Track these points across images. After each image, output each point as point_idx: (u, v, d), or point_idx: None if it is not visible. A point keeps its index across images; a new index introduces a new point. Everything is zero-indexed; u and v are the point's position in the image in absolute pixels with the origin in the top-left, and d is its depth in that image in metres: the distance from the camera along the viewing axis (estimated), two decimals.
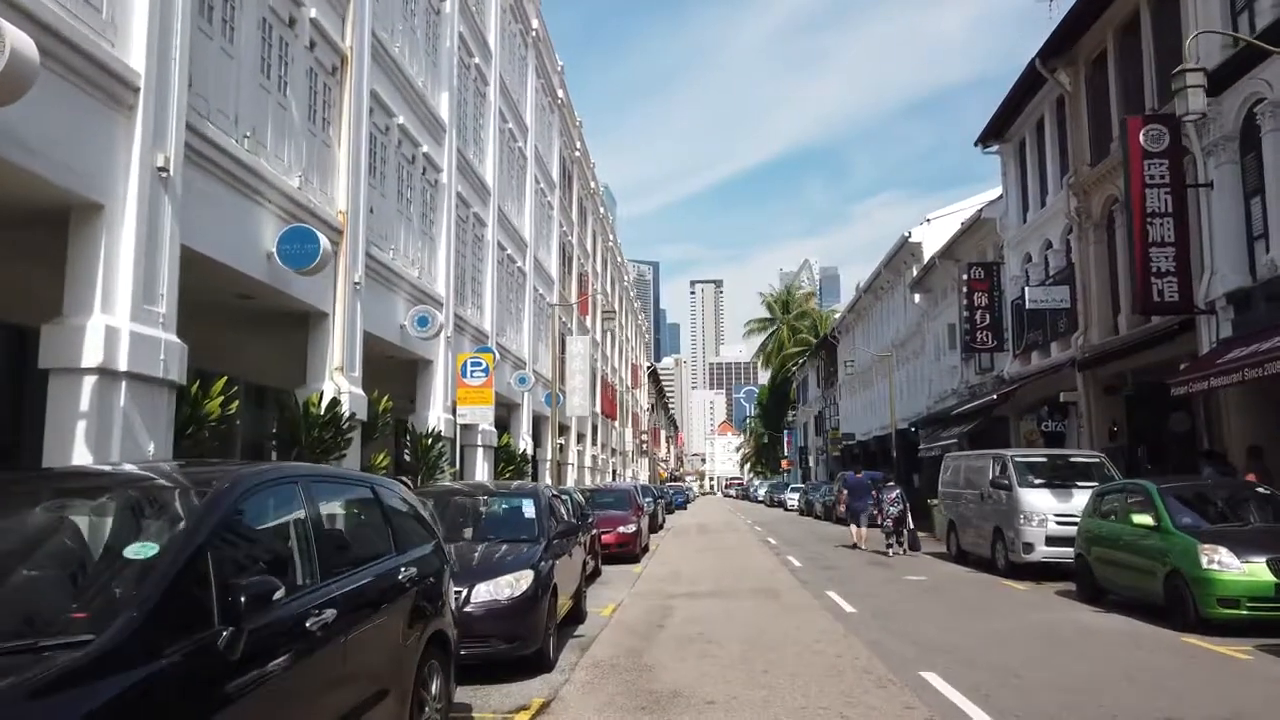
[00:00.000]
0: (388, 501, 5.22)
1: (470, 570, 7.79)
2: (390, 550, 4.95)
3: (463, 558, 8.13)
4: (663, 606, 12.19)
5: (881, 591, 13.50)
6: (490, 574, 7.69)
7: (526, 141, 26.60)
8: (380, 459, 13.79)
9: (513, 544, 8.53)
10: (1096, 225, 20.33)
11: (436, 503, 9.50)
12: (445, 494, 9.74)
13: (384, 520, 5.05)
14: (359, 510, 4.93)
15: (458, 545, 8.55)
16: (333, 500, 4.56)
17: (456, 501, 9.49)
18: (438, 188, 17.74)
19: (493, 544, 8.56)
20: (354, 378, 12.99)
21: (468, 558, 8.16)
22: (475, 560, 8.12)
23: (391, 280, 15.05)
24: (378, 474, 13.70)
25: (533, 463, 27.97)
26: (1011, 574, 14.96)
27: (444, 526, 9.06)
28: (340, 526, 4.57)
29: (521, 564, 7.95)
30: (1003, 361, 26.62)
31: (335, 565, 4.15)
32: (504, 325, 24.09)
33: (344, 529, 4.61)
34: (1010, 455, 15.82)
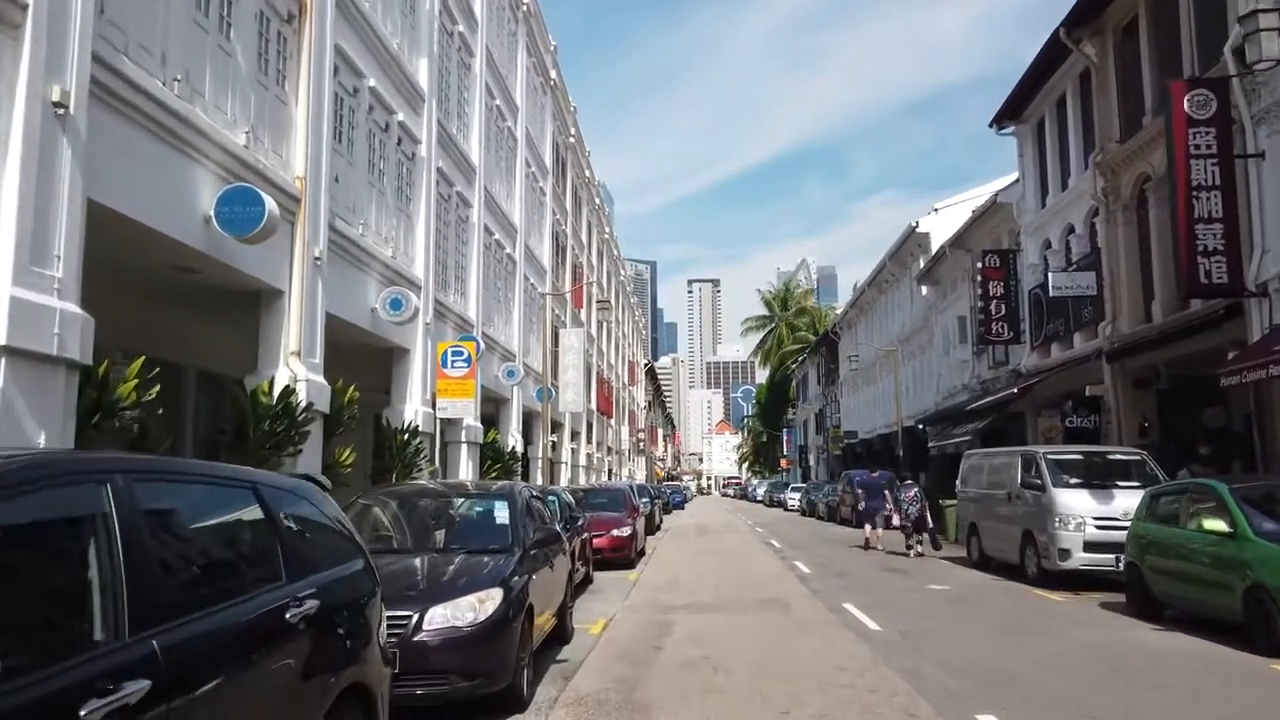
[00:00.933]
0: (280, 510, 3.78)
1: (424, 590, 6.38)
2: (278, 577, 3.54)
3: (416, 574, 6.73)
4: (660, 622, 10.78)
5: (904, 603, 12.09)
6: (449, 594, 6.27)
7: (516, 122, 25.17)
8: (345, 455, 12.36)
9: (481, 556, 7.11)
10: (1126, 206, 18.93)
11: (396, 506, 8.10)
12: (406, 496, 8.31)
13: (271, 536, 3.63)
14: (228, 523, 3.51)
15: (415, 558, 7.14)
16: (177, 508, 3.13)
17: (419, 505, 8.06)
18: (415, 161, 16.30)
19: (457, 556, 7.14)
20: (313, 364, 11.57)
21: (423, 574, 6.76)
22: (432, 577, 6.71)
23: (361, 259, 13.62)
24: (341, 472, 12.39)
25: (523, 461, 26.55)
26: (1044, 582, 13.56)
27: (402, 535, 7.67)
28: (187, 547, 3.15)
29: (488, 581, 6.53)
30: (1018, 354, 25.23)
31: (164, 607, 2.73)
32: (491, 315, 22.65)
33: (194, 550, 3.20)
34: (1042, 452, 14.42)
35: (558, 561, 8.72)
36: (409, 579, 6.60)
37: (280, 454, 10.55)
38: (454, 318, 18.79)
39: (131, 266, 9.94)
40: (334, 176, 12.72)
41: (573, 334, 31.60)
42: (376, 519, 7.84)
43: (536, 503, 9.19)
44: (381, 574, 6.67)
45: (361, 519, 7.65)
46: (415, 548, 7.41)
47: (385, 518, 7.86)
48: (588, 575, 14.65)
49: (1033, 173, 24.20)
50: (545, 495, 13.80)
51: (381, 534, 7.66)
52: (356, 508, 7.85)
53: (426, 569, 6.83)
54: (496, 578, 6.60)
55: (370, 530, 7.59)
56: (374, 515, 7.90)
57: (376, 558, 7.10)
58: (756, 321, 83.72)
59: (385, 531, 7.71)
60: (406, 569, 6.81)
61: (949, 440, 27.37)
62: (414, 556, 7.12)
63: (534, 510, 8.68)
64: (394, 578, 6.60)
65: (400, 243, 15.58)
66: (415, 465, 15.11)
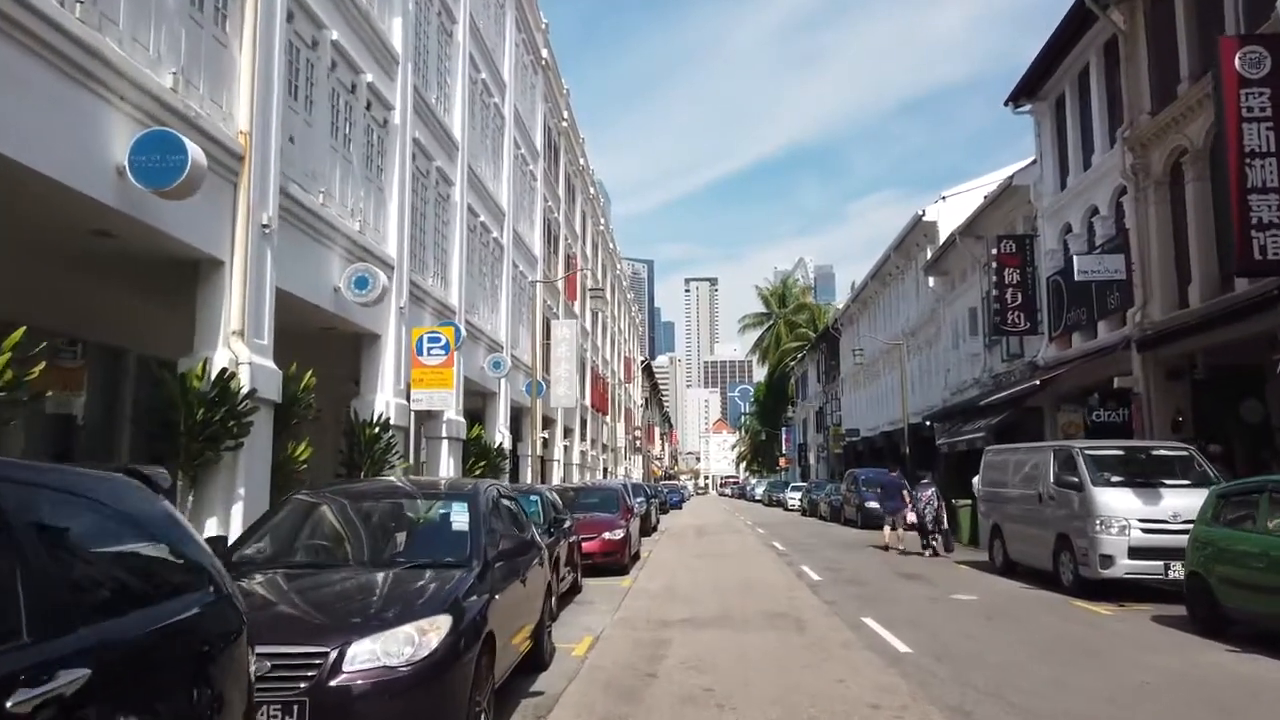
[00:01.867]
0: (31, 523, 2.35)
1: (348, 618, 4.96)
2: (15, 632, 2.13)
3: (341, 597, 5.32)
4: (654, 640, 9.37)
5: (931, 618, 10.69)
6: (381, 623, 4.86)
7: (504, 99, 23.75)
8: (300, 450, 10.96)
9: (430, 571, 5.70)
10: (1158, 183, 17.54)
11: (332, 509, 6.68)
12: (346, 496, 6.87)
13: (13, 568, 2.21)
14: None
15: (344, 575, 5.73)
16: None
17: (359, 508, 6.62)
18: (388, 129, 14.89)
19: (399, 572, 5.72)
20: (260, 346, 10.15)
21: (351, 596, 5.35)
22: (361, 600, 5.30)
23: (321, 231, 12.21)
24: (295, 469, 10.98)
25: (512, 458, 25.14)
26: (1082, 592, 12.18)
27: (333, 544, 6.25)
28: None
29: (435, 604, 5.13)
30: (1034, 346, 23.85)
31: None
32: (476, 303, 21.24)
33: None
34: (1078, 447, 13.02)
35: (532, 574, 7.31)
36: (330, 604, 5.20)
37: (217, 447, 9.17)
38: (433, 303, 17.37)
39: (46, 231, 8.54)
40: (288, 136, 11.32)
41: (565, 325, 30.18)
42: (302, 525, 6.42)
43: (509, 504, 7.77)
44: (296, 597, 5.28)
45: (282, 525, 6.24)
46: (347, 561, 6.00)
47: (315, 523, 6.44)
48: (575, 583, 13.25)
49: (1051, 153, 22.81)
50: (527, 495, 12.42)
51: (307, 543, 6.24)
52: (281, 512, 6.45)
53: (356, 590, 5.42)
54: (445, 600, 5.18)
55: (291, 539, 6.18)
56: (300, 520, 6.48)
57: (294, 574, 5.70)
58: (754, 318, 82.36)
59: (312, 540, 6.29)
60: (329, 590, 5.41)
61: (960, 437, 25.96)
62: (343, 573, 5.70)
63: (504, 514, 7.27)
64: (311, 602, 5.19)
65: (370, 217, 14.16)
66: (387, 462, 13.73)
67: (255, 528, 6.32)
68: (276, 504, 6.81)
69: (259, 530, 6.23)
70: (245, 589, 5.35)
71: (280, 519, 6.34)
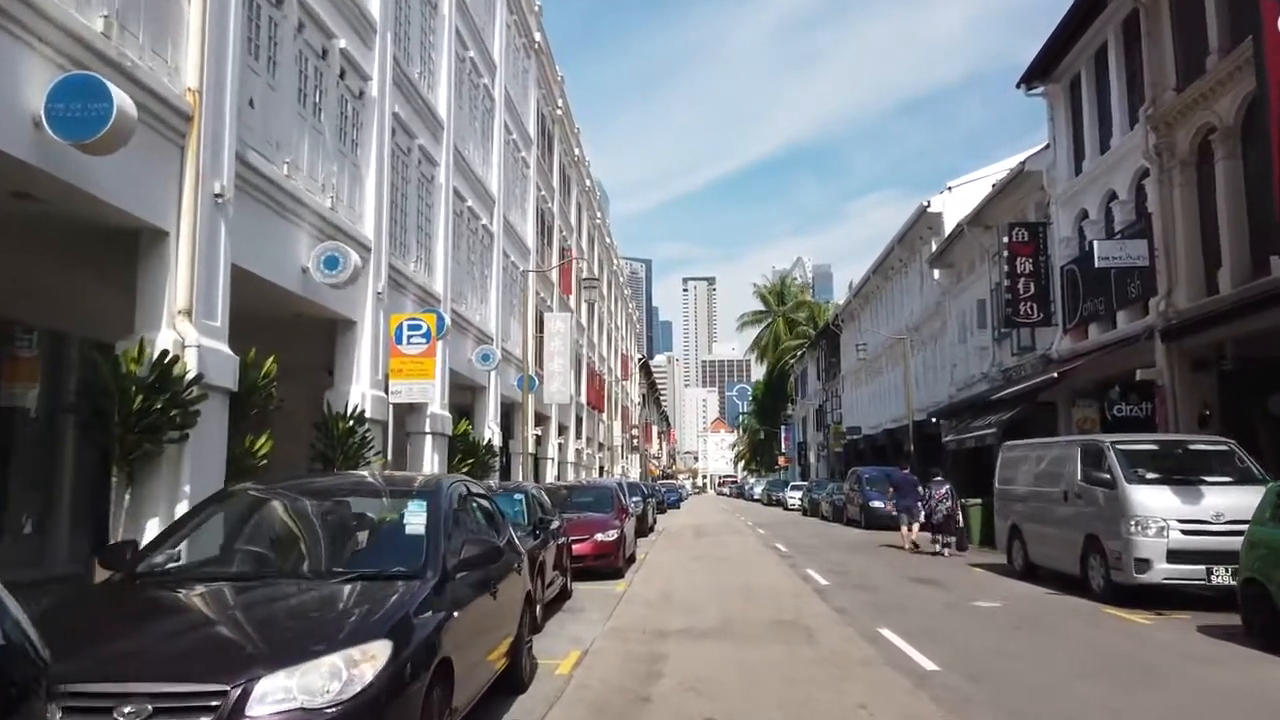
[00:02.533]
0: None
1: (260, 645, 3.96)
2: None
3: (256, 617, 4.32)
4: (649, 655, 8.39)
5: (954, 629, 9.71)
6: (298, 653, 3.86)
7: (494, 81, 22.73)
8: (261, 444, 9.94)
9: (375, 584, 4.70)
10: (1184, 164, 16.57)
11: (269, 508, 5.69)
12: (287, 493, 5.84)
13: None
14: None
15: (267, 589, 4.73)
16: None
17: (300, 508, 5.61)
18: (364, 101, 13.88)
19: (337, 585, 4.71)
20: (212, 328, 9.15)
21: (268, 616, 4.34)
22: (280, 622, 4.29)
23: (286, 205, 11.20)
24: (252, 464, 9.97)
25: (503, 456, 24.16)
26: (1114, 599, 11.21)
27: (263, 550, 5.26)
28: None
29: (372, 627, 4.13)
30: (1047, 339, 22.88)
31: None
32: (463, 292, 20.24)
33: None
34: (1109, 441, 12.04)
35: (507, 584, 6.32)
36: (242, 627, 4.19)
37: (157, 439, 8.15)
38: (415, 290, 16.36)
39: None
40: (248, 99, 10.31)
41: (559, 318, 29.16)
42: (227, 527, 5.42)
43: (481, 503, 6.78)
44: (200, 619, 4.29)
45: (204, 528, 5.25)
46: (275, 572, 4.99)
47: (242, 525, 5.44)
48: (565, 588, 12.26)
49: (1065, 137, 21.84)
50: (510, 494, 11.44)
51: (229, 549, 5.24)
52: (204, 512, 5.44)
53: (279, 609, 4.42)
54: (387, 621, 4.19)
55: (212, 544, 5.19)
56: (226, 521, 5.48)
57: (206, 589, 4.68)
58: (753, 316, 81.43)
59: (236, 545, 5.29)
60: (244, 609, 4.40)
61: (969, 434, 25.00)
62: (267, 587, 4.69)
63: (473, 514, 6.28)
64: (219, 625, 4.20)
65: (343, 194, 13.15)
66: (362, 458, 12.72)
67: (171, 531, 5.33)
68: (200, 503, 5.79)
69: (175, 534, 5.25)
70: (140, 608, 4.35)
71: (201, 520, 5.35)
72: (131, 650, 3.83)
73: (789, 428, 77.74)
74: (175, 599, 4.49)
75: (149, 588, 4.59)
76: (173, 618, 4.24)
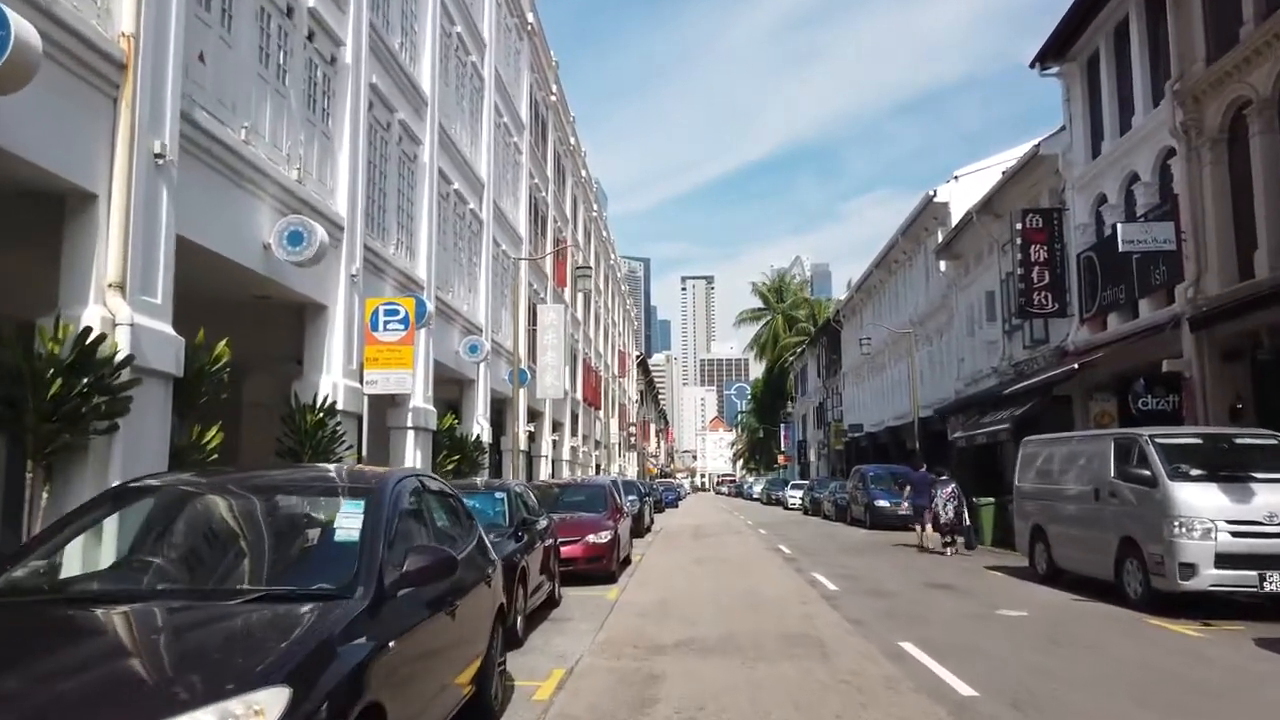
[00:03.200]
0: None
1: (108, 695, 2.94)
2: None
3: (118, 653, 3.30)
4: (643, 676, 7.37)
5: (985, 643, 8.69)
6: (163, 706, 2.83)
7: (483, 60, 21.70)
8: (210, 436, 8.92)
9: (289, 606, 3.68)
10: (1214, 141, 15.56)
11: (171, 506, 4.65)
12: (195, 489, 4.78)
13: None
14: None
15: (152, 614, 3.69)
16: None
17: (210, 507, 4.57)
18: (336, 68, 12.87)
19: (239, 608, 3.68)
20: (150, 305, 8.12)
21: (136, 652, 3.31)
22: (149, 661, 3.26)
23: (245, 175, 10.16)
24: (199, 458, 8.94)
25: (494, 453, 23.14)
26: (1154, 607, 10.21)
27: (157, 560, 4.23)
28: None
29: (265, 670, 3.10)
30: (1061, 330, 21.88)
31: None
32: (450, 279, 19.22)
33: None
34: (1147, 435, 11.02)
35: (472, 599, 5.30)
36: (96, 667, 3.14)
37: (80, 428, 7.12)
38: (396, 275, 15.33)
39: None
40: (197, 53, 9.28)
41: (553, 310, 28.12)
42: (120, 530, 4.39)
43: (441, 501, 5.76)
44: (47, 655, 3.26)
45: (88, 533, 4.22)
46: (160, 590, 3.94)
47: (137, 528, 4.41)
48: (553, 595, 11.26)
49: (1082, 118, 20.82)
50: (490, 493, 10.43)
51: (117, 559, 4.20)
52: (92, 513, 4.41)
53: (145, 643, 3.38)
54: (288, 661, 3.16)
55: (95, 552, 4.16)
56: (120, 524, 4.45)
57: (70, 613, 3.67)
58: (752, 313, 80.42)
59: (127, 554, 4.25)
60: (108, 641, 3.38)
61: (978, 430, 23.99)
62: (148, 611, 3.65)
63: (430, 517, 5.25)
64: (67, 665, 3.16)
65: (312, 166, 12.12)
66: (332, 453, 11.70)
67: (45, 537, 4.30)
68: (87, 502, 4.76)
69: (48, 541, 4.21)
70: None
71: (85, 524, 4.31)
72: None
73: (788, 426, 76.71)
74: (25, 629, 3.46)
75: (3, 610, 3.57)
76: (9, 654, 3.20)
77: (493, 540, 9.09)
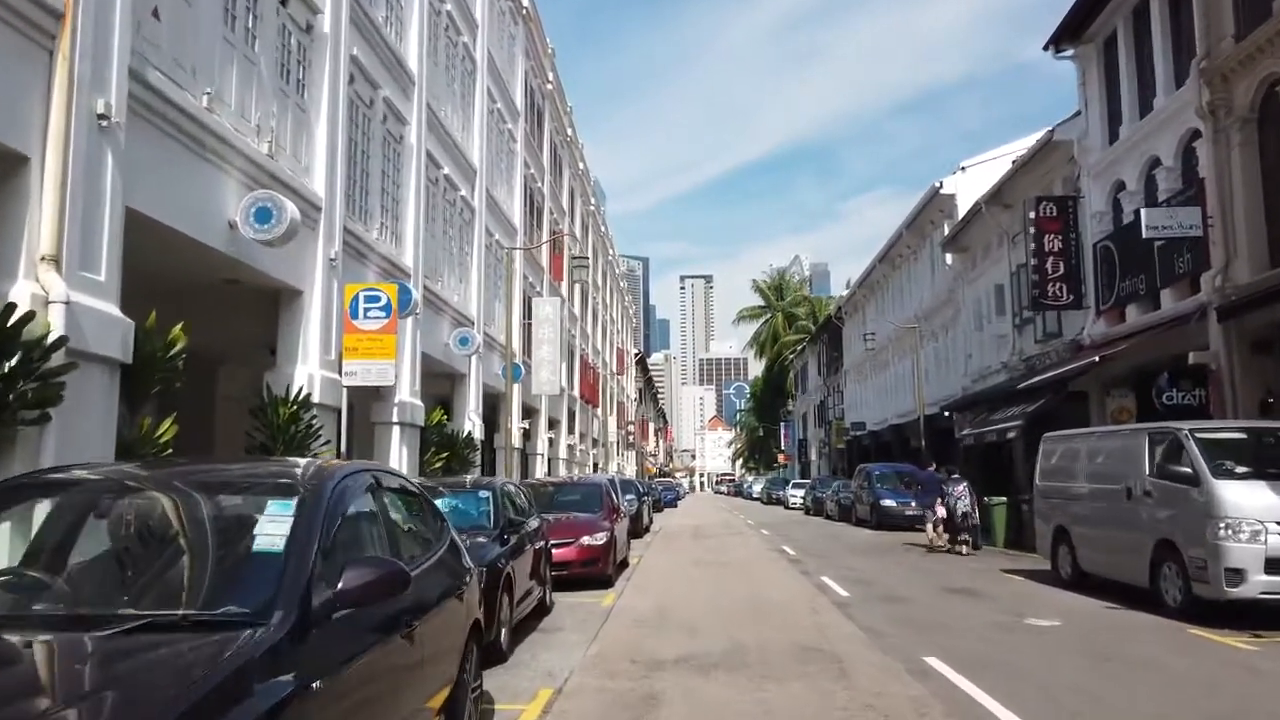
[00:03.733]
0: None
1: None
2: None
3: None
4: (639, 697, 6.55)
5: (1018, 658, 7.87)
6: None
7: (475, 41, 20.87)
8: (163, 429, 8.10)
9: (180, 638, 2.84)
10: (1244, 120, 14.74)
11: (58, 508, 3.81)
12: (89, 488, 3.90)
13: None
14: None
15: None
16: None
17: (102, 509, 3.70)
18: (313, 37, 12.03)
19: (117, 641, 2.84)
20: (92, 282, 7.29)
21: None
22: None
23: (208, 145, 9.33)
24: (151, 450, 8.12)
25: (487, 450, 22.33)
26: (1196, 616, 9.40)
27: (28, 578, 3.37)
28: None
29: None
30: (1076, 324, 21.07)
31: None
32: (439, 268, 18.39)
33: None
34: (1187, 429, 10.20)
35: (437, 617, 4.48)
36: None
37: (4, 418, 6.28)
38: (380, 261, 14.50)
39: None
40: (151, 8, 8.45)
41: (548, 303, 27.29)
42: (16, 536, 3.56)
43: (404, 501, 4.93)
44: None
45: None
46: (17, 618, 3.11)
47: (42, 533, 3.58)
48: (543, 602, 10.43)
49: (1099, 102, 19.99)
50: (473, 491, 9.61)
51: None
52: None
53: None
54: (163, 717, 2.32)
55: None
56: (15, 528, 3.61)
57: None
58: (751, 311, 79.59)
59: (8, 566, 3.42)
60: None
61: (988, 428, 23.16)
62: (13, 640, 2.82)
63: (384, 520, 4.41)
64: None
65: (285, 141, 11.29)
66: (307, 449, 10.88)
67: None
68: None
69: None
70: None
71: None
72: None
73: (788, 424, 75.89)
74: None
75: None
76: None
77: (476, 544, 8.27)
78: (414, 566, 4.18)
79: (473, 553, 7.84)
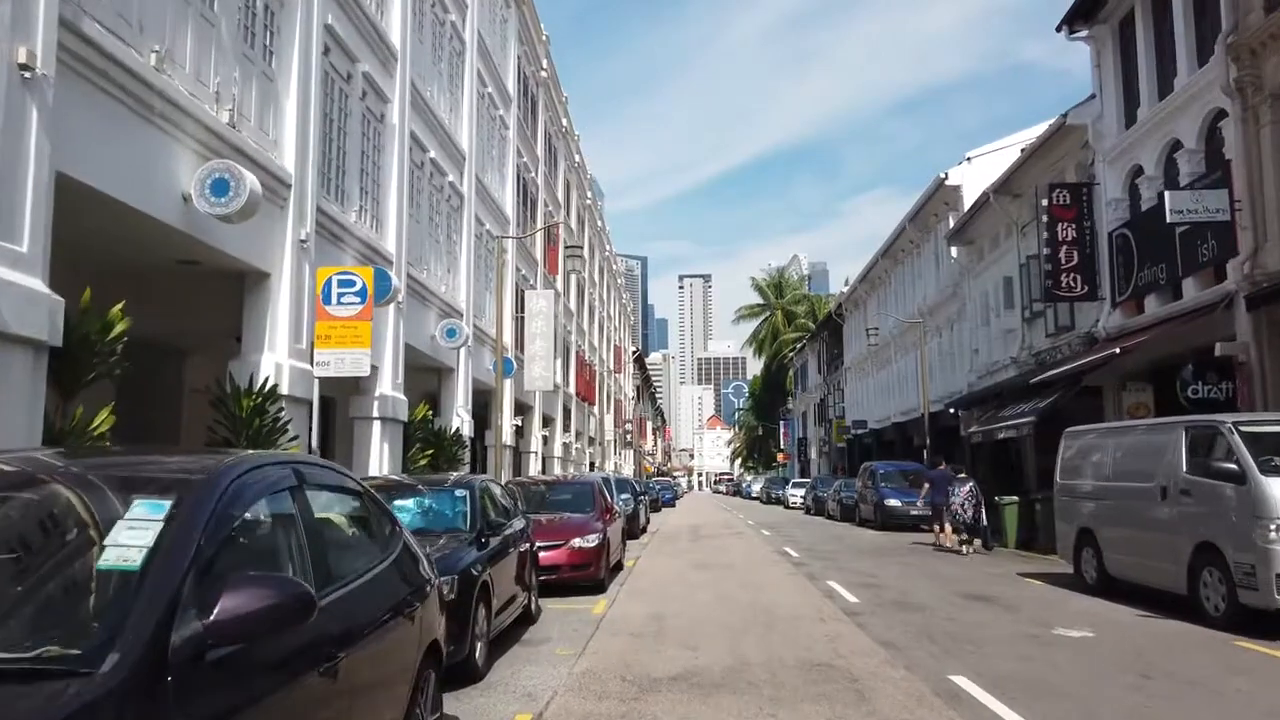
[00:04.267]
0: None
1: None
2: None
3: None
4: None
5: (1055, 676, 7.02)
6: None
7: (464, 21, 20.01)
8: (99, 420, 7.26)
9: (24, 685, 2.00)
10: (1275, 97, 13.91)
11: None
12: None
13: None
14: None
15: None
16: None
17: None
18: (283, 3, 11.17)
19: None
20: (11, 254, 6.44)
21: None
22: None
23: (158, 110, 8.47)
24: (85, 443, 7.25)
25: (475, 448, 21.49)
26: (1241, 626, 8.58)
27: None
28: None
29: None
30: (1089, 316, 20.25)
31: None
32: (424, 257, 17.53)
33: None
34: (1230, 423, 9.37)
35: (371, 648, 3.64)
36: None
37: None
38: (358, 246, 13.66)
39: None
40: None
41: (541, 296, 26.41)
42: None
43: (340, 503, 4.09)
44: None
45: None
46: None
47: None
48: (529, 610, 9.59)
49: (1114, 85, 19.18)
50: (450, 490, 8.77)
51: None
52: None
53: None
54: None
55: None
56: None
57: None
58: (750, 309, 78.75)
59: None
60: None
61: (997, 425, 22.33)
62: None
63: (308, 525, 3.57)
64: None
65: (250, 111, 10.43)
66: (273, 444, 10.03)
67: None
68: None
69: None
70: None
71: None
72: None
73: (788, 423, 75.05)
74: None
75: None
76: None
77: (449, 548, 7.44)
78: (338, 584, 3.34)
79: (445, 558, 7.02)
